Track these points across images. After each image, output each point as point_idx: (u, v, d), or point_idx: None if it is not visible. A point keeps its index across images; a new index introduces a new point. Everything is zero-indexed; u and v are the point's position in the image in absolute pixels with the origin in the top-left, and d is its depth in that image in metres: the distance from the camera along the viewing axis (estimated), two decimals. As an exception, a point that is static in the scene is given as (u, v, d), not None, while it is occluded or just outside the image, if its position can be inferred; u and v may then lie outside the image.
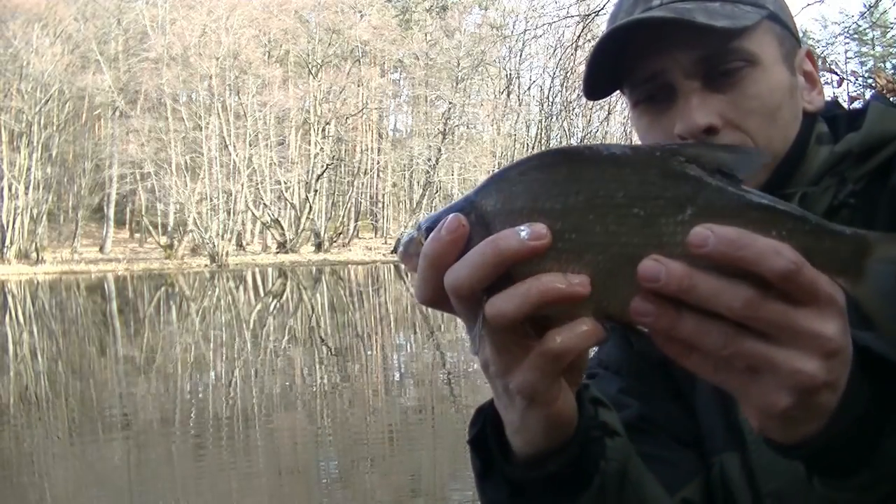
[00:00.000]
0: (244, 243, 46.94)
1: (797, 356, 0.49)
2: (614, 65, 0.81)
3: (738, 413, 0.78)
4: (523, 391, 0.60)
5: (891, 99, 0.89)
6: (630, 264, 0.52)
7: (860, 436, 0.54)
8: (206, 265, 38.21)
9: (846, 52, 63.75)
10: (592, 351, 0.89)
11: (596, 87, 0.84)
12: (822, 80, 0.86)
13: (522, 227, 0.55)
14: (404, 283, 30.27)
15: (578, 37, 9.04)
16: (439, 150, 48.34)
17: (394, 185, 56.74)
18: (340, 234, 48.83)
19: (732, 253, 0.47)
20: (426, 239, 0.59)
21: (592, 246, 0.54)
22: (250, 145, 42.97)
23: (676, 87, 0.79)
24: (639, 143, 0.82)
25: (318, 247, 44.72)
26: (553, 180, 0.56)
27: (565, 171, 0.56)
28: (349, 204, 52.33)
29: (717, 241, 0.47)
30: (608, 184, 0.54)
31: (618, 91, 0.86)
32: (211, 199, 40.62)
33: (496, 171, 0.56)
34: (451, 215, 0.58)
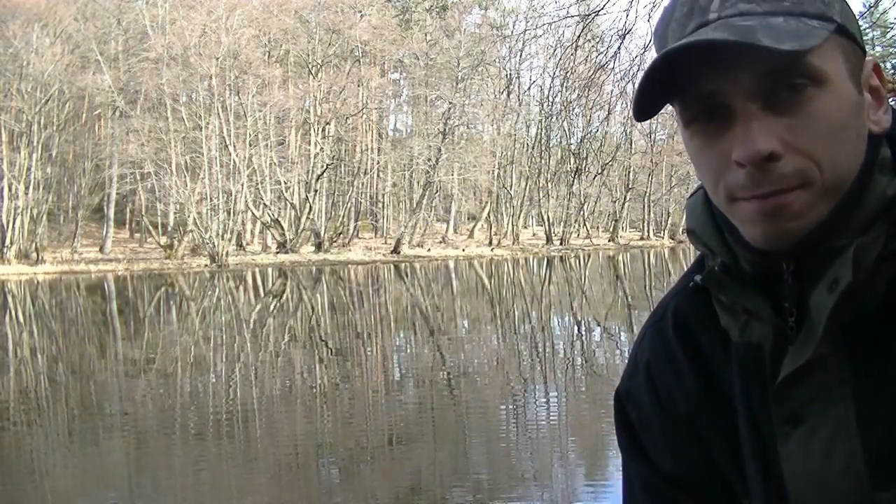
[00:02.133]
0: (244, 243, 46.92)
1: None
2: (666, 82, 0.73)
3: (780, 468, 0.76)
4: None
5: (891, 100, 0.82)
6: None
7: None
8: (206, 265, 38.21)
9: (846, 52, 63.95)
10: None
11: (646, 108, 0.76)
12: None
13: None
14: (404, 283, 30.27)
15: (578, 37, 9.02)
16: (439, 150, 48.33)
17: (394, 185, 56.73)
18: (340, 234, 48.82)
19: None
20: None
21: None
22: (250, 145, 42.97)
23: (735, 109, 0.71)
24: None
25: (318, 247, 44.71)
26: None
27: None
28: (349, 204, 52.32)
29: None
30: None
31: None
32: (211, 199, 40.60)
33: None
34: None
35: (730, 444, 0.81)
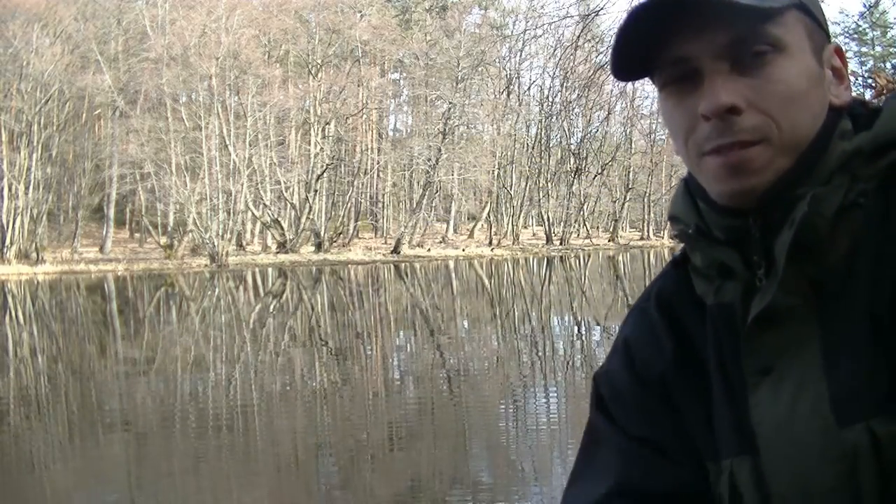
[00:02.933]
0: (244, 243, 46.93)
1: None
2: (641, 45, 0.80)
3: (750, 418, 0.79)
4: None
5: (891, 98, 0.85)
6: None
7: None
8: (206, 265, 38.21)
9: (846, 52, 63.81)
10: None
11: (623, 67, 0.83)
12: None
13: None
14: (404, 283, 30.27)
15: (578, 37, 9.03)
16: (439, 150, 48.32)
17: (394, 185, 56.74)
18: (340, 234, 48.84)
19: None
20: None
21: None
22: (250, 145, 42.96)
23: (703, 70, 0.78)
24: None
25: (318, 247, 44.72)
26: None
27: None
28: (349, 204, 52.33)
29: None
30: None
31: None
32: (211, 199, 40.59)
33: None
34: None
35: (703, 406, 0.85)
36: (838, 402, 0.74)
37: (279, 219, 44.88)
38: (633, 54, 0.81)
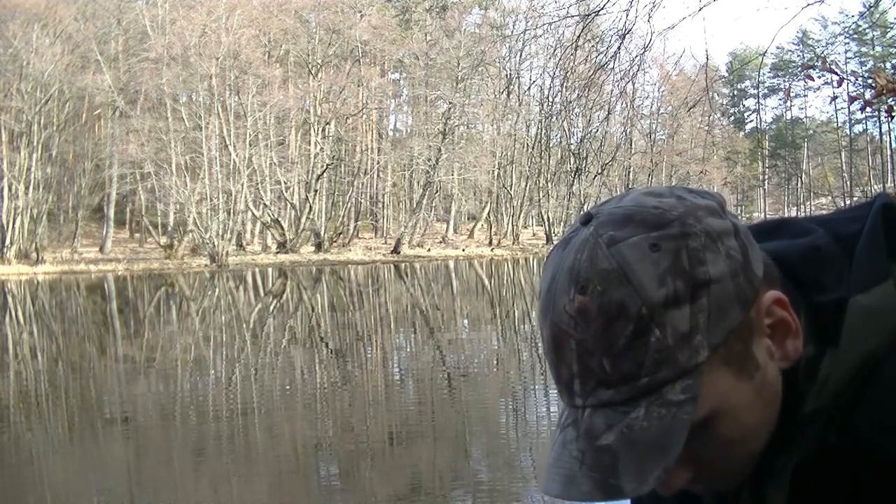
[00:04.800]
0: (244, 243, 46.94)
1: None
2: None
3: None
4: None
5: (890, 100, 0.81)
6: None
7: None
8: (206, 265, 38.21)
9: (846, 52, 63.79)
10: None
11: None
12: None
13: None
14: (404, 282, 30.28)
15: (578, 37, 9.03)
16: (439, 150, 48.33)
17: (394, 185, 56.76)
18: (340, 234, 48.85)
19: None
20: None
21: None
22: (250, 145, 42.96)
23: None
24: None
25: (318, 247, 44.72)
26: None
27: None
28: (349, 204, 52.35)
29: None
30: None
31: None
32: (211, 199, 40.60)
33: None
34: None
35: None
36: None
37: (279, 219, 44.89)
38: None
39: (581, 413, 0.69)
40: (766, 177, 77.99)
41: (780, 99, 79.00)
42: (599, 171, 54.52)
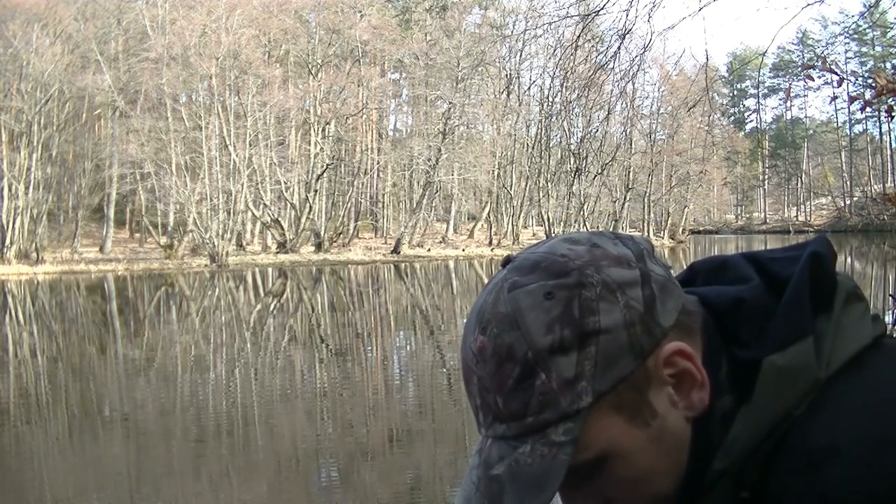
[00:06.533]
0: (244, 243, 46.92)
1: None
2: None
3: None
4: None
5: (890, 100, 0.80)
6: None
7: None
8: (206, 265, 38.21)
9: (846, 52, 63.83)
10: None
11: None
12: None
13: None
14: (404, 283, 30.27)
15: (578, 37, 9.03)
16: (439, 150, 48.32)
17: (394, 185, 56.75)
18: (340, 234, 48.84)
19: None
20: None
21: None
22: (250, 145, 42.96)
23: None
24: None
25: (318, 247, 44.72)
26: None
27: None
28: (349, 204, 52.34)
29: None
30: None
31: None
32: (211, 199, 40.59)
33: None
34: None
35: None
36: None
37: (279, 219, 44.88)
38: None
39: (485, 442, 0.73)
40: (766, 177, 78.05)
41: (780, 99, 79.12)
42: (599, 171, 54.48)
